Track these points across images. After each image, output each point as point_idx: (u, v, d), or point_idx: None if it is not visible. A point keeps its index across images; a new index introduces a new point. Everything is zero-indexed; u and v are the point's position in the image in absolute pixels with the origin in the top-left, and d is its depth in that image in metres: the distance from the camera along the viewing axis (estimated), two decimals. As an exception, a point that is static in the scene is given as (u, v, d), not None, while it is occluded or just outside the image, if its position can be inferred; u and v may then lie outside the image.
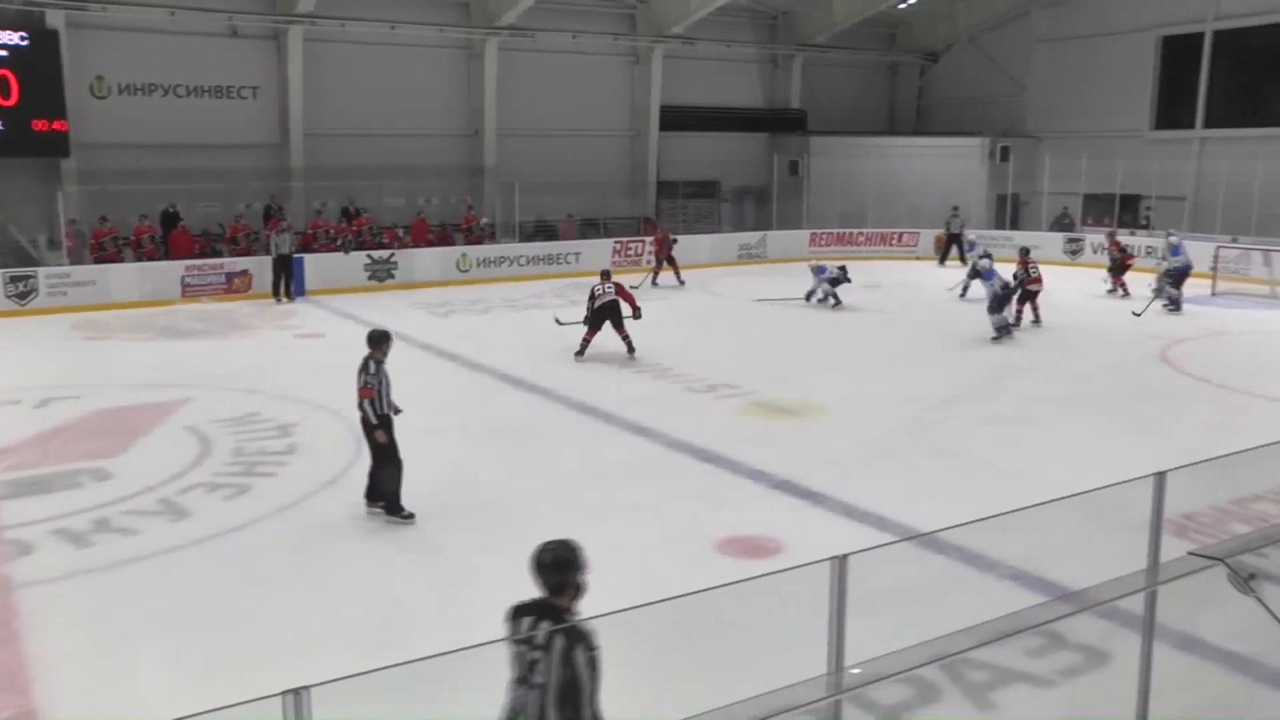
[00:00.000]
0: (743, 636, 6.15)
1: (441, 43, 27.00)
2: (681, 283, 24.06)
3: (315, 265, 22.45)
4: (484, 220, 26.33)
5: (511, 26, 26.98)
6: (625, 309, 15.78)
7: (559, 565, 4.16)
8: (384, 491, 9.10)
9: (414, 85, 26.61)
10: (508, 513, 9.34)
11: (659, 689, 5.06)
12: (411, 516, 8.99)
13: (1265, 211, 25.83)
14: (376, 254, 23.53)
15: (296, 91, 24.76)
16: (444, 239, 25.45)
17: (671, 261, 24.30)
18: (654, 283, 23.79)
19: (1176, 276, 20.37)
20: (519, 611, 4.13)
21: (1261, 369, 15.35)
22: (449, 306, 21.07)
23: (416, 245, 24.67)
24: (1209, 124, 28.93)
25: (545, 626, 3.96)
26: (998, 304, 17.47)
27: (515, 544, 8.55)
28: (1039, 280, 18.83)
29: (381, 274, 23.38)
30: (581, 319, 15.95)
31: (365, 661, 2.69)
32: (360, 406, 9.01)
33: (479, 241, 25.47)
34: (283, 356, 16.38)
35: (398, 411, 9.22)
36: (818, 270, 21.10)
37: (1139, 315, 19.44)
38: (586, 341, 15.75)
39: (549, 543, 4.25)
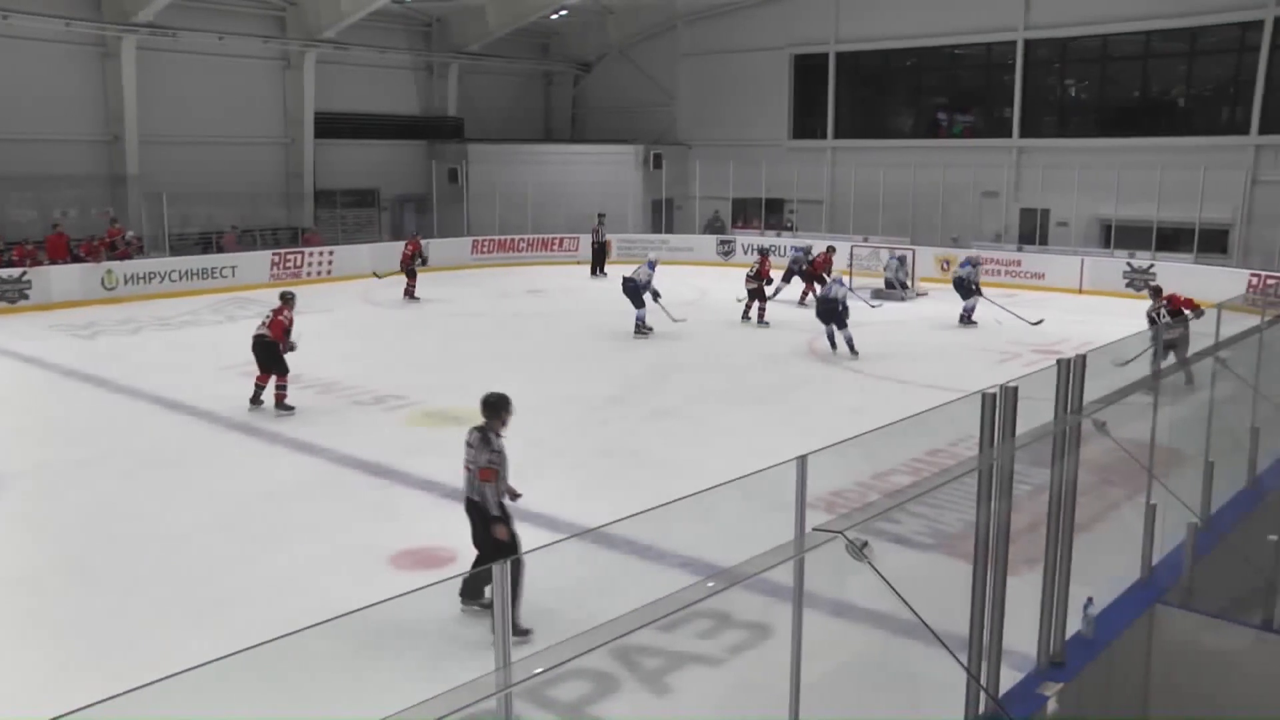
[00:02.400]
0: (425, 646, 6.08)
1: (68, 38, 24.57)
2: (415, 298, 23.18)
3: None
4: (130, 234, 24.45)
5: (150, 24, 25.13)
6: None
7: None
8: (482, 583, 6.98)
9: (39, 85, 24.26)
10: (169, 545, 8.78)
11: (340, 708, 4.91)
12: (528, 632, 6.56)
13: (889, 215, 28.40)
14: (6, 272, 21.33)
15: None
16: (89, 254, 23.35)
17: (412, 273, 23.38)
18: (413, 296, 23.12)
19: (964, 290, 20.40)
20: None
21: (891, 354, 16.82)
22: (95, 328, 19.45)
23: (53, 262, 22.61)
24: (838, 135, 31.53)
25: None
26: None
27: (177, 579, 8.14)
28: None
29: (13, 294, 21.18)
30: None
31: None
32: (478, 492, 7.18)
33: (125, 256, 23.65)
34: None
35: (515, 496, 7.46)
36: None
37: (1037, 324, 19.45)
38: (260, 387, 13.29)
39: None
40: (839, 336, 16.82)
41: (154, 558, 8.56)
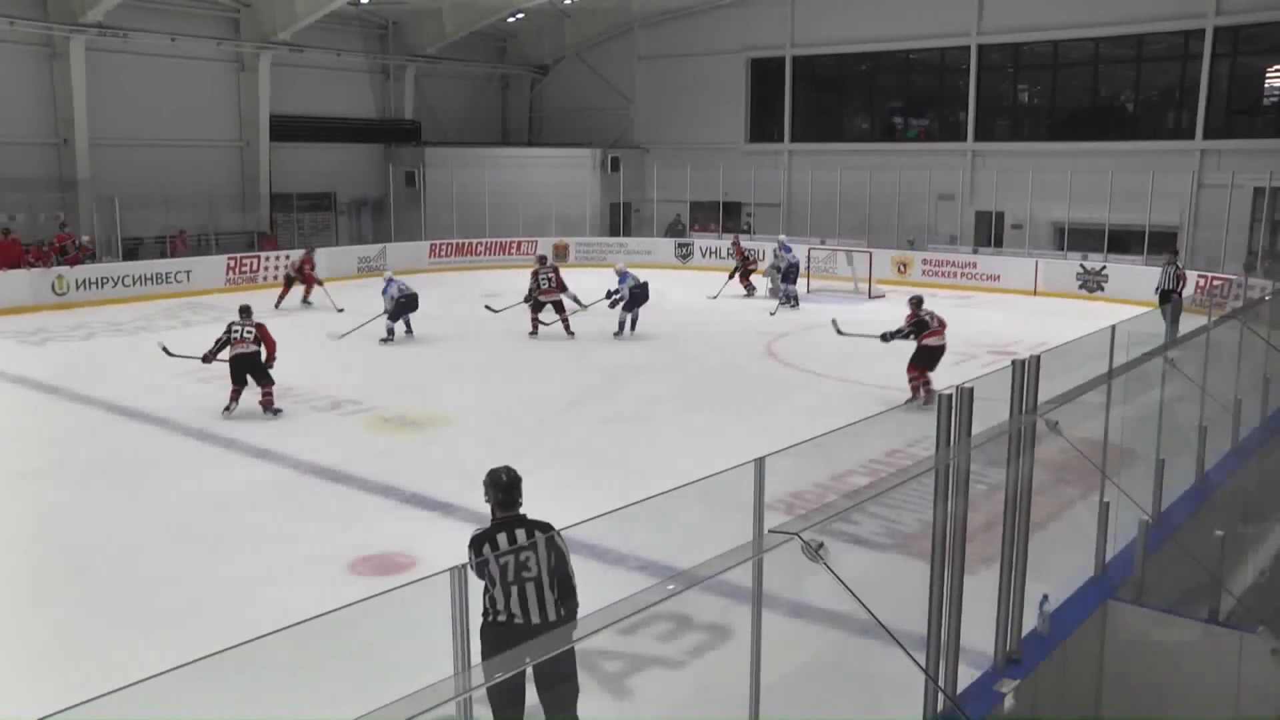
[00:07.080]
0: (383, 654, 6.02)
1: (14, 38, 24.02)
2: (308, 303, 23.06)
3: None
4: (84, 238, 24.00)
5: (99, 24, 24.68)
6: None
7: None
8: None
9: (-16, 87, 23.79)
10: (123, 555, 8.66)
11: (300, 715, 4.88)
12: None
13: (846, 217, 28.56)
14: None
15: None
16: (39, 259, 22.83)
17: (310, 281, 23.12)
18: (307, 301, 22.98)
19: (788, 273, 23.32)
20: None
21: (849, 357, 16.86)
22: (45, 334, 19.14)
23: (2, 267, 22.12)
24: (795, 138, 31.73)
25: None
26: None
27: (131, 589, 8.03)
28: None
29: (-41, 301, 20.76)
30: (202, 356, 13.36)
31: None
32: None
33: (76, 262, 23.21)
34: None
35: None
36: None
37: (774, 315, 21.34)
38: (235, 394, 13.11)
39: None
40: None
41: (108, 568, 8.44)
